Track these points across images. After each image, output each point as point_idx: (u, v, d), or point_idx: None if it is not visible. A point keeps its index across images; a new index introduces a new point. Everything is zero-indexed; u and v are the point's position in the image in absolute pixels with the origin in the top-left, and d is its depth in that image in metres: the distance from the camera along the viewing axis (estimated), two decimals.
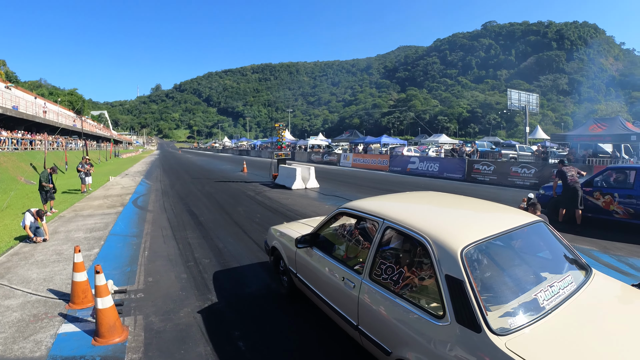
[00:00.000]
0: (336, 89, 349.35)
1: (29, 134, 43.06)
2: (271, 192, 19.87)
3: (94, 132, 79.49)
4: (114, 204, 16.64)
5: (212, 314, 6.01)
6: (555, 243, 4.32)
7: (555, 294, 3.45)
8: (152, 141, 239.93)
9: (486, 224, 4.09)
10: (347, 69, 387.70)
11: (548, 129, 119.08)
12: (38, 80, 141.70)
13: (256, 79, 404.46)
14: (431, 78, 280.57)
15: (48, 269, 8.17)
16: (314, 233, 5.63)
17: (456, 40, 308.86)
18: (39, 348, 5.05)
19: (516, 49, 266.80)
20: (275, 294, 6.74)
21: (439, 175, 28.17)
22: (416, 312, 3.57)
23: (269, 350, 4.97)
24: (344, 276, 4.61)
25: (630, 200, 10.69)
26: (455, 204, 5.23)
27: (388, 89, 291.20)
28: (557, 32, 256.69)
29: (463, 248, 3.42)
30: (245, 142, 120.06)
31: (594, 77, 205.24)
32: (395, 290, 3.92)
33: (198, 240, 10.44)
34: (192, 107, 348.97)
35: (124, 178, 29.74)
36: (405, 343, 3.61)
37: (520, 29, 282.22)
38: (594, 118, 29.58)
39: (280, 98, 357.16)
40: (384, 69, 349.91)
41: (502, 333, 2.94)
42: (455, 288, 3.25)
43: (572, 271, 3.96)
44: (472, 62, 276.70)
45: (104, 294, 5.11)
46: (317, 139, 71.36)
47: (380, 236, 4.35)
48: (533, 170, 21.80)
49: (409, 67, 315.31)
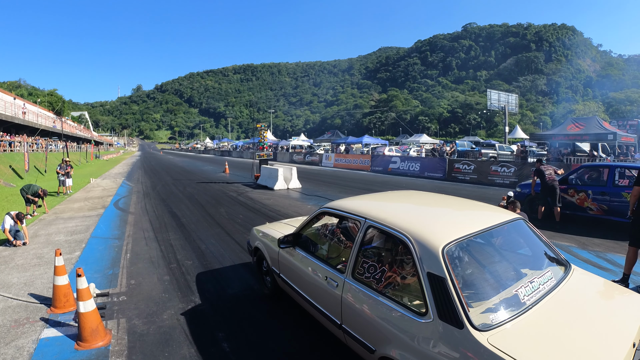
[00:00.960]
0: (318, 90, 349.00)
1: (8, 136, 42.39)
2: (253, 193, 19.86)
3: (74, 134, 78.61)
4: (95, 206, 16.47)
5: (196, 316, 5.99)
6: (534, 240, 4.41)
7: (536, 290, 3.52)
8: (133, 142, 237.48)
9: (467, 221, 4.15)
10: (328, 70, 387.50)
11: (527, 128, 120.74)
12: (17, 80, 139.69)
13: (238, 80, 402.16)
14: (412, 79, 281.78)
15: (29, 273, 8.07)
16: (297, 233, 5.63)
17: (437, 42, 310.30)
18: (21, 354, 4.99)
19: (496, 50, 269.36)
20: (258, 295, 6.74)
21: (420, 175, 28.44)
22: (399, 310, 3.60)
23: (253, 351, 4.99)
24: (327, 275, 4.63)
25: (603, 197, 10.96)
26: (436, 202, 5.27)
27: (369, 90, 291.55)
28: (536, 33, 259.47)
29: (444, 246, 3.46)
30: (227, 142, 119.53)
31: (572, 78, 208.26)
32: (378, 288, 3.95)
33: (180, 242, 10.40)
34: (174, 108, 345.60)
35: (104, 180, 29.43)
36: (389, 341, 3.64)
37: (500, 31, 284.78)
38: (571, 118, 30.01)
39: (262, 98, 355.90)
40: (365, 69, 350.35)
41: (484, 329, 2.99)
42: (437, 285, 3.29)
43: (552, 267, 4.05)
44: (453, 63, 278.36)
45: (86, 297, 5.06)
46: (299, 140, 71.50)
47: (362, 235, 4.37)
48: (512, 169, 22.13)
49: (390, 68, 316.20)
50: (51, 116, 69.71)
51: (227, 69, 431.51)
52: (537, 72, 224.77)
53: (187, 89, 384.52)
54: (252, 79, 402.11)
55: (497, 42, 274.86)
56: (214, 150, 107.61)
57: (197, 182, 26.45)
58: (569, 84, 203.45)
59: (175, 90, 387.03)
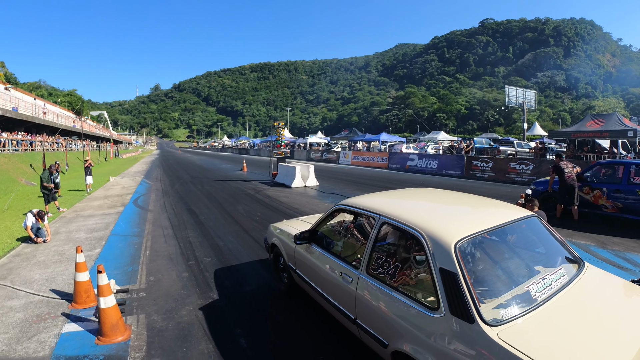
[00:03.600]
0: (335, 87, 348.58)
1: (28, 135, 43.06)
2: (271, 191, 19.93)
3: (94, 133, 79.46)
4: (114, 204, 16.68)
5: (214, 312, 6.06)
6: (548, 237, 4.40)
7: (547, 286, 3.54)
8: (151, 141, 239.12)
9: (480, 218, 4.19)
10: (345, 67, 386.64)
11: (546, 125, 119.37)
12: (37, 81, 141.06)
13: (255, 78, 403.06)
14: (429, 75, 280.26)
15: (50, 269, 8.22)
16: (313, 230, 5.70)
17: (454, 38, 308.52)
18: (43, 348, 5.11)
19: (514, 45, 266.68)
20: (275, 292, 6.80)
21: (438, 172, 28.25)
22: (412, 305, 3.65)
23: (270, 347, 5.03)
24: (342, 271, 4.70)
25: (618, 195, 10.80)
26: (449, 199, 5.27)
27: (386, 87, 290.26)
28: (554, 28, 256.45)
29: (457, 242, 3.51)
30: (244, 141, 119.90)
31: (591, 74, 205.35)
32: (391, 284, 4.00)
33: (199, 239, 10.50)
34: (191, 107, 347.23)
35: (124, 178, 29.76)
36: (401, 335, 3.69)
37: (518, 26, 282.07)
38: (591, 114, 29.50)
39: (279, 96, 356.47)
40: (382, 66, 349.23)
41: (494, 324, 3.02)
42: (449, 281, 3.33)
43: (565, 265, 4.04)
44: (470, 59, 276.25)
45: (107, 293, 5.15)
46: (316, 137, 71.28)
47: (376, 232, 4.43)
48: (531, 166, 21.87)
49: (407, 65, 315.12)
50: (71, 116, 70.49)
51: (244, 67, 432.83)
52: (555, 67, 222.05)
53: (204, 87, 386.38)
54: (269, 77, 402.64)
55: (514, 37, 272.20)
56: (231, 148, 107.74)
57: (215, 180, 26.62)
58: (588, 80, 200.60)
59: (192, 89, 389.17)
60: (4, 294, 6.91)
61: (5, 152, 31.84)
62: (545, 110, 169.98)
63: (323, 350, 4.91)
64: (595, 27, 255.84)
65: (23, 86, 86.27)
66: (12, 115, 38.21)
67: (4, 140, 33.03)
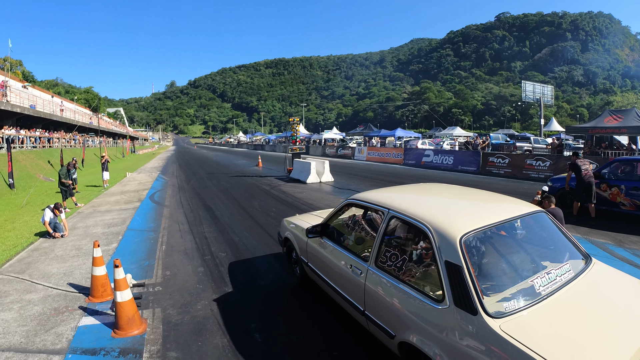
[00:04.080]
0: (350, 83, 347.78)
1: (46, 132, 43.53)
2: (286, 186, 19.97)
3: (110, 129, 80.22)
4: (131, 199, 16.83)
5: (229, 307, 6.10)
6: (555, 233, 4.43)
7: (552, 281, 3.58)
8: (167, 137, 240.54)
9: (486, 213, 4.24)
10: (360, 63, 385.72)
11: (563, 120, 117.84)
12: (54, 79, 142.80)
13: (270, 74, 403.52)
14: (445, 70, 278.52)
15: (68, 263, 8.33)
16: (324, 223, 5.79)
17: (469, 32, 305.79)
18: (60, 340, 5.18)
19: (530, 40, 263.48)
20: (290, 287, 6.83)
21: (454, 168, 28.07)
22: (418, 297, 3.73)
23: (284, 342, 5.05)
24: (352, 264, 4.80)
25: (636, 192, 10.60)
26: (457, 194, 5.38)
27: (402, 82, 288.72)
28: (571, 22, 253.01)
29: (462, 236, 3.59)
30: (259, 136, 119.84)
31: (610, 68, 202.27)
32: (399, 276, 4.09)
33: (214, 234, 10.56)
34: (207, 103, 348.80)
35: (140, 174, 30.01)
36: (408, 327, 3.78)
37: (534, 20, 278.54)
38: (609, 110, 28.94)
39: (294, 92, 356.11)
40: (397, 61, 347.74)
41: (497, 316, 3.09)
42: (454, 273, 3.41)
43: (572, 260, 4.06)
44: (486, 54, 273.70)
45: (123, 287, 5.21)
46: (331, 133, 71.10)
47: (385, 225, 4.53)
48: (548, 162, 21.62)
49: (423, 60, 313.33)
50: (88, 113, 71.27)
51: (258, 63, 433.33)
52: (573, 62, 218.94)
53: (219, 84, 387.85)
54: (284, 73, 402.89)
55: (531, 31, 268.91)
56: (247, 144, 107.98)
57: (231, 175, 26.73)
58: (606, 75, 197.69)
59: (208, 86, 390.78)
60: (22, 287, 7.01)
61: (23, 149, 32.22)
62: (563, 106, 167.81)
63: (335, 346, 4.93)
64: (613, 21, 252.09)
65: (40, 84, 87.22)
66: (30, 112, 38.66)
67: (22, 137, 33.40)
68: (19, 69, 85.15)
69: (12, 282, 7.28)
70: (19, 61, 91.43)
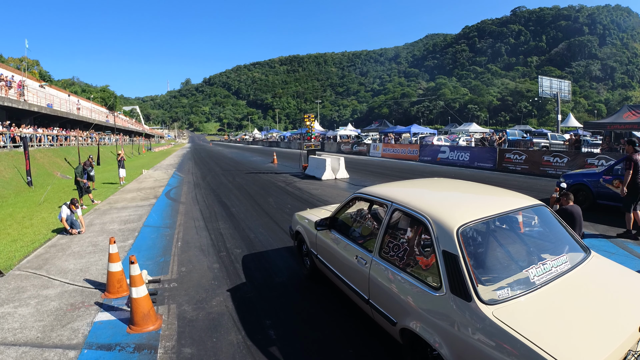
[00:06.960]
0: (364, 79, 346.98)
1: (63, 131, 43.95)
2: (301, 183, 19.95)
3: (126, 127, 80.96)
4: (147, 196, 16.93)
5: (244, 303, 6.08)
6: (554, 226, 4.56)
7: (547, 271, 3.72)
8: (183, 134, 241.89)
9: (485, 205, 4.42)
10: (375, 59, 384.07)
11: (581, 116, 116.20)
12: (71, 78, 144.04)
13: (284, 71, 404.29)
14: (460, 66, 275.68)
15: (84, 259, 8.38)
16: (332, 217, 6.07)
17: (485, 27, 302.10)
18: (76, 335, 5.20)
19: (547, 34, 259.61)
20: (305, 284, 6.81)
21: (470, 165, 27.79)
22: (417, 285, 3.94)
23: (299, 339, 5.03)
24: (357, 255, 5.04)
25: None
26: (460, 188, 5.59)
27: (417, 78, 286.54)
28: (588, 16, 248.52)
29: (459, 227, 3.78)
30: (274, 133, 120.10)
31: (628, 63, 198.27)
32: (400, 265, 4.30)
33: (230, 231, 10.56)
34: (222, 100, 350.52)
35: (156, 171, 30.24)
36: (408, 313, 3.99)
37: (551, 14, 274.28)
38: (628, 105, 28.34)
39: (309, 89, 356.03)
40: (412, 57, 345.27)
41: (491, 303, 3.26)
42: (451, 262, 3.60)
43: (569, 253, 4.16)
44: (502, 49, 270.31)
45: (139, 283, 5.22)
46: (346, 130, 70.94)
47: (388, 217, 4.76)
48: (565, 159, 21.27)
49: (438, 55, 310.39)
50: (104, 111, 71.78)
51: (273, 60, 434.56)
52: (590, 57, 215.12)
53: (234, 81, 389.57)
54: (299, 70, 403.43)
55: (547, 26, 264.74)
56: (262, 141, 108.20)
57: (246, 172, 26.78)
58: (624, 69, 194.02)
59: (223, 83, 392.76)
60: (39, 283, 7.07)
61: (41, 147, 32.58)
62: (580, 101, 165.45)
63: (352, 343, 4.90)
64: (631, 14, 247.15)
65: (57, 83, 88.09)
66: (47, 111, 39.20)
67: (40, 136, 33.77)
68: (35, 69, 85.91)
69: (30, 278, 7.34)
70: (36, 61, 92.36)
